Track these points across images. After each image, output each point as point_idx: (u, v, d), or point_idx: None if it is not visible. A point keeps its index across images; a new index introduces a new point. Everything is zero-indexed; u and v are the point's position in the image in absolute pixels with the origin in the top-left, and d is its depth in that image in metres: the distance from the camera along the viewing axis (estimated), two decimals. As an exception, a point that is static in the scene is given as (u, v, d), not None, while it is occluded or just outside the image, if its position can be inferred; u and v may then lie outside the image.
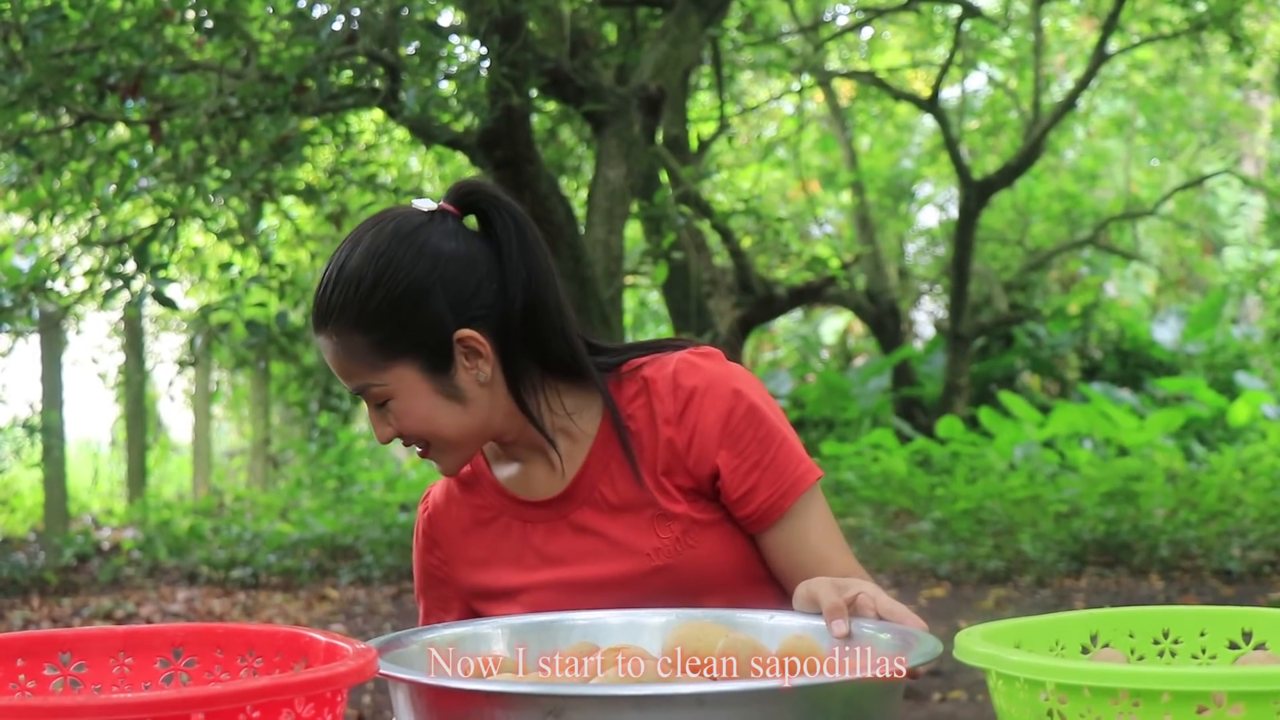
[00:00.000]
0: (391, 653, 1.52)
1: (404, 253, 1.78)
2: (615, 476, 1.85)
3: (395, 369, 1.78)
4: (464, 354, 1.79)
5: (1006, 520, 8.99)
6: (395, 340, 1.77)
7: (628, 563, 1.83)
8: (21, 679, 1.42)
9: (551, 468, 1.88)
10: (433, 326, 1.78)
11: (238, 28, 5.26)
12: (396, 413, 1.80)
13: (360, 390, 1.81)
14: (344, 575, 8.73)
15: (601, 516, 1.85)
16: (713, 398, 1.81)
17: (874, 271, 13.93)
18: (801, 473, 1.80)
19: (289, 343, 9.84)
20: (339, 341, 1.78)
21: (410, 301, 1.77)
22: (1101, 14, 11.37)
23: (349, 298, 1.77)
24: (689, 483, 1.83)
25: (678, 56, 6.54)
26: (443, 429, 1.81)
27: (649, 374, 1.85)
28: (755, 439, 1.80)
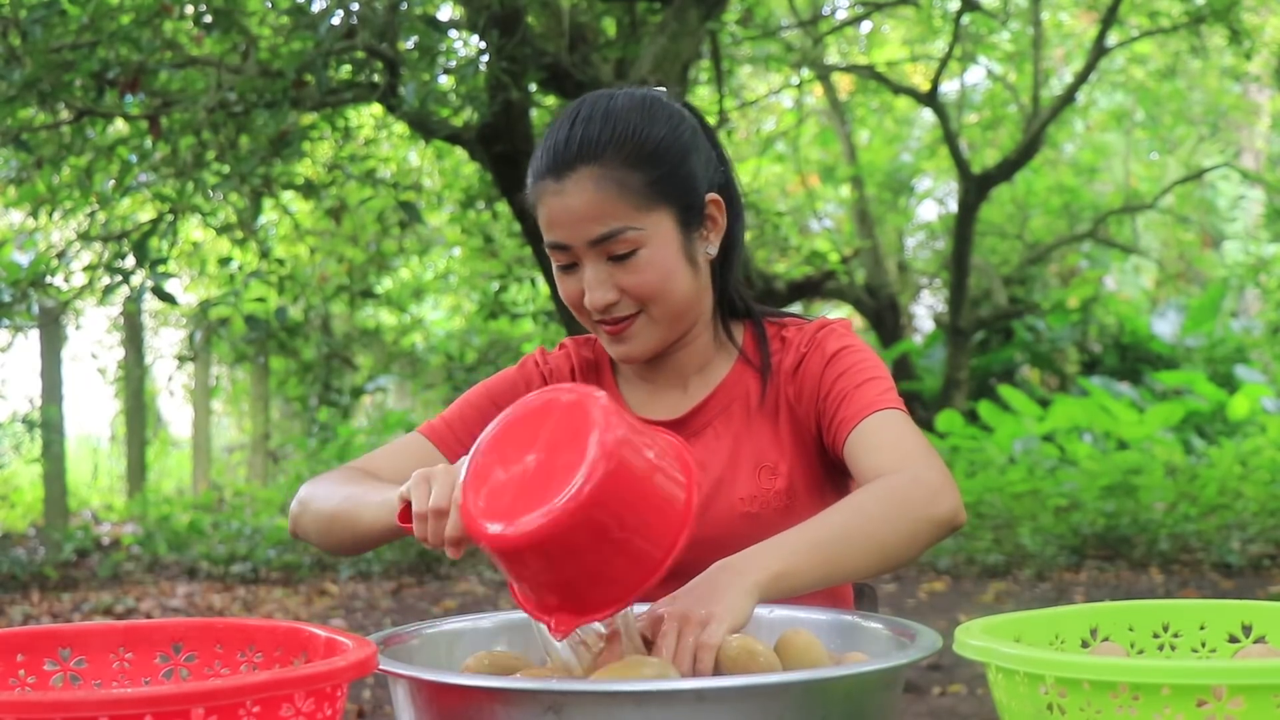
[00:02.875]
0: (391, 648, 1.52)
1: (670, 108, 1.81)
2: (733, 417, 1.88)
3: (657, 214, 1.77)
4: (708, 219, 1.82)
5: (1006, 514, 8.99)
6: (666, 183, 1.77)
7: (722, 501, 1.84)
8: (22, 674, 1.42)
9: (683, 392, 1.91)
10: (695, 180, 1.80)
11: (236, 23, 5.25)
12: (639, 264, 1.77)
13: (610, 235, 1.75)
14: (344, 570, 8.73)
15: (709, 452, 1.87)
16: (820, 350, 1.86)
17: (873, 266, 13.93)
18: (876, 397, 1.79)
19: (288, 337, 9.83)
20: (606, 176, 1.74)
21: (681, 150, 1.78)
22: (1100, 7, 11.36)
23: (626, 134, 1.75)
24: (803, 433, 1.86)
25: (677, 50, 6.54)
26: (676, 290, 1.80)
27: (789, 334, 1.91)
28: (845, 372, 1.82)
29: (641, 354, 1.84)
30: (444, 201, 9.63)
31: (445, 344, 14.23)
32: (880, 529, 1.59)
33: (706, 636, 1.41)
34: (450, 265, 13.20)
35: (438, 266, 13.45)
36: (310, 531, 1.84)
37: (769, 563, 1.51)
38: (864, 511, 1.60)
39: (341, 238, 10.27)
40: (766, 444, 1.86)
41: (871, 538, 1.58)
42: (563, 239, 1.77)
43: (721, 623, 1.42)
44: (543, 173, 1.77)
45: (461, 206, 8.32)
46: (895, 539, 1.60)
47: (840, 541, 1.56)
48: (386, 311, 13.68)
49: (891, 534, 1.60)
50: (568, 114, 1.79)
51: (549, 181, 1.76)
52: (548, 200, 1.76)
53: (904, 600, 7.44)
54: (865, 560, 1.57)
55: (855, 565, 1.57)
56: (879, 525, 1.59)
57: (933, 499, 1.63)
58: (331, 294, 9.69)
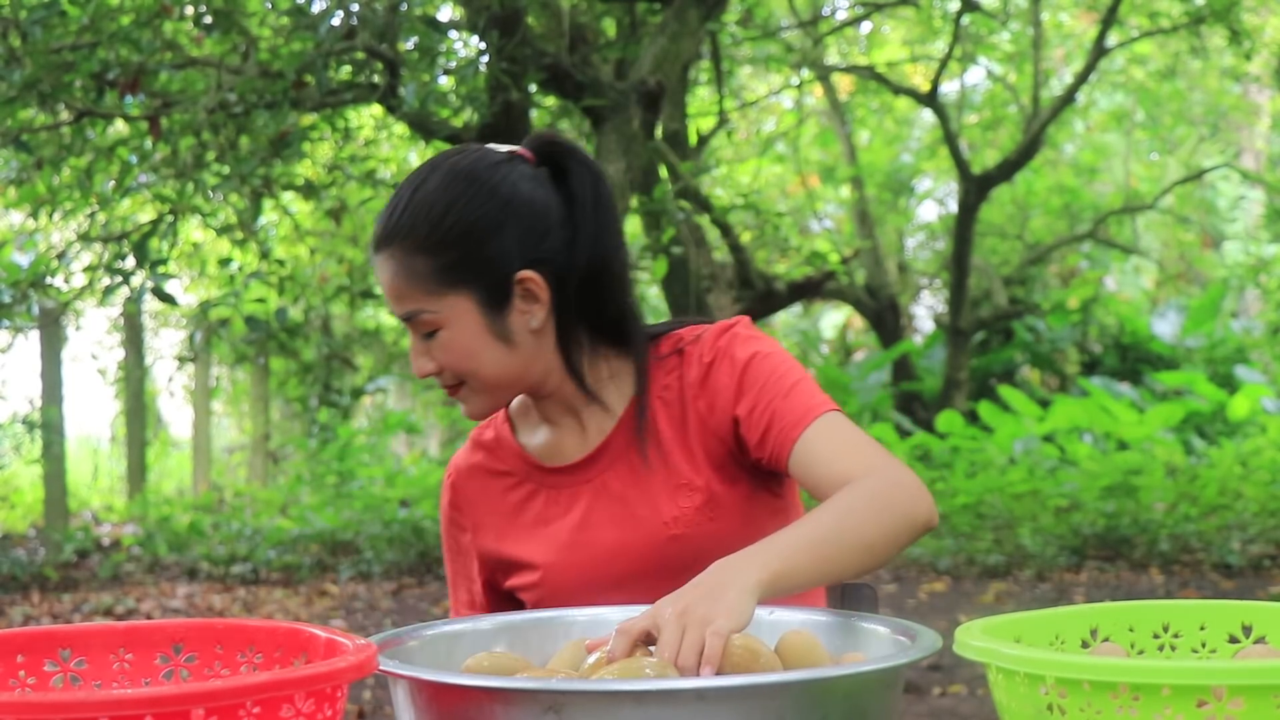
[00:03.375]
0: (391, 649, 1.52)
1: (481, 184, 1.79)
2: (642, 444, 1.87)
3: (452, 297, 1.78)
4: (521, 296, 1.80)
5: (1006, 514, 8.99)
6: (458, 268, 1.77)
7: (645, 531, 1.84)
8: (22, 675, 1.42)
9: (582, 431, 1.90)
10: (497, 261, 1.78)
11: (237, 23, 5.25)
12: (442, 344, 1.79)
13: (410, 316, 1.79)
14: (344, 571, 8.73)
15: (624, 483, 1.87)
16: (729, 358, 1.84)
17: (873, 266, 13.93)
18: (811, 405, 1.78)
19: (288, 338, 9.85)
20: (402, 262, 1.77)
21: (481, 231, 1.77)
22: (1100, 8, 11.36)
23: (419, 219, 1.77)
24: (718, 448, 1.84)
25: (677, 51, 6.53)
26: (484, 368, 1.81)
27: (688, 349, 1.88)
28: (766, 384, 1.81)
29: (480, 414, 1.87)
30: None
31: (445, 345, 14.22)
32: (868, 529, 1.63)
33: (715, 628, 1.42)
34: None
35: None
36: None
37: (768, 561, 1.53)
38: (854, 513, 1.63)
39: (342, 238, 10.27)
40: (680, 463, 1.85)
41: (861, 538, 1.62)
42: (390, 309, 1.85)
43: (727, 619, 1.43)
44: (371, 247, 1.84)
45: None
46: (881, 539, 1.64)
47: (833, 541, 1.60)
48: (386, 312, 13.68)
49: (878, 534, 1.64)
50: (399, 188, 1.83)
51: (372, 255, 1.83)
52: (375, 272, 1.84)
53: (904, 600, 7.44)
54: (855, 559, 1.61)
55: (846, 564, 1.61)
56: (867, 526, 1.63)
57: (914, 501, 1.68)
58: (332, 295, 9.69)
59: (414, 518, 9.34)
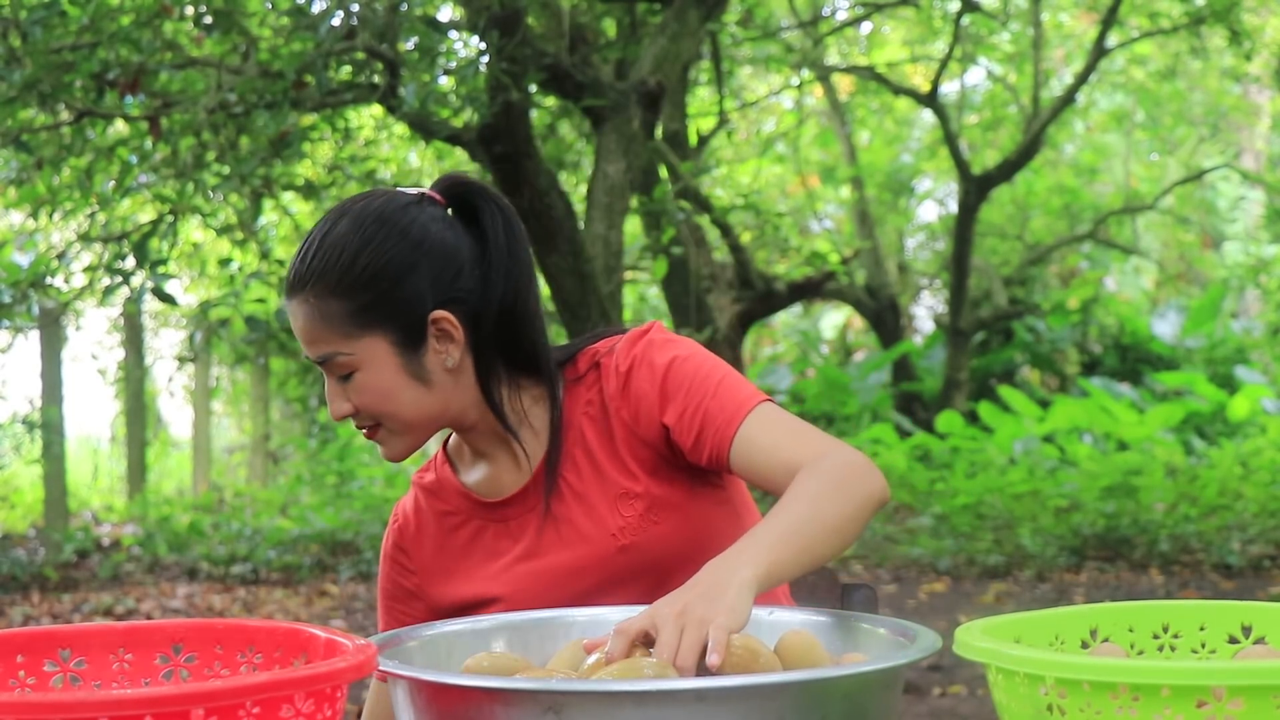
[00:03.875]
0: (391, 649, 1.52)
1: (391, 226, 1.80)
2: (576, 463, 1.87)
3: (366, 340, 1.78)
4: (436, 335, 1.81)
5: (1006, 515, 8.99)
6: (371, 310, 1.78)
7: (595, 546, 1.85)
8: (21, 675, 1.42)
9: (515, 461, 1.90)
10: (410, 302, 1.79)
11: (237, 23, 5.25)
12: (358, 386, 1.80)
13: (325, 359, 1.80)
14: (344, 571, 8.73)
15: (566, 504, 1.87)
16: (647, 365, 1.84)
17: (873, 266, 13.93)
18: (741, 400, 1.78)
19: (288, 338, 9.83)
20: (314, 306, 1.78)
21: (392, 274, 1.78)
22: (1101, 8, 11.36)
23: (331, 263, 1.78)
24: (649, 454, 1.84)
25: (677, 51, 6.53)
26: (401, 408, 1.81)
27: (604, 362, 1.88)
28: (691, 387, 1.81)
29: (396, 456, 1.87)
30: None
31: (445, 345, 14.22)
32: (836, 513, 1.64)
33: (717, 624, 1.42)
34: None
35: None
36: None
37: (758, 557, 1.54)
38: (820, 498, 1.64)
39: (342, 239, 10.26)
40: (616, 475, 1.85)
41: (830, 523, 1.63)
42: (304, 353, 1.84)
43: (727, 618, 1.43)
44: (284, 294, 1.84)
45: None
46: (849, 521, 1.65)
47: (809, 529, 1.61)
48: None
49: (844, 517, 1.65)
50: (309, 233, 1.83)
51: (285, 302, 1.83)
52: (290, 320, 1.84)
53: (904, 601, 7.44)
54: (830, 544, 1.63)
55: (823, 550, 1.62)
56: (834, 510, 1.64)
57: (869, 479, 1.69)
58: (332, 295, 9.67)
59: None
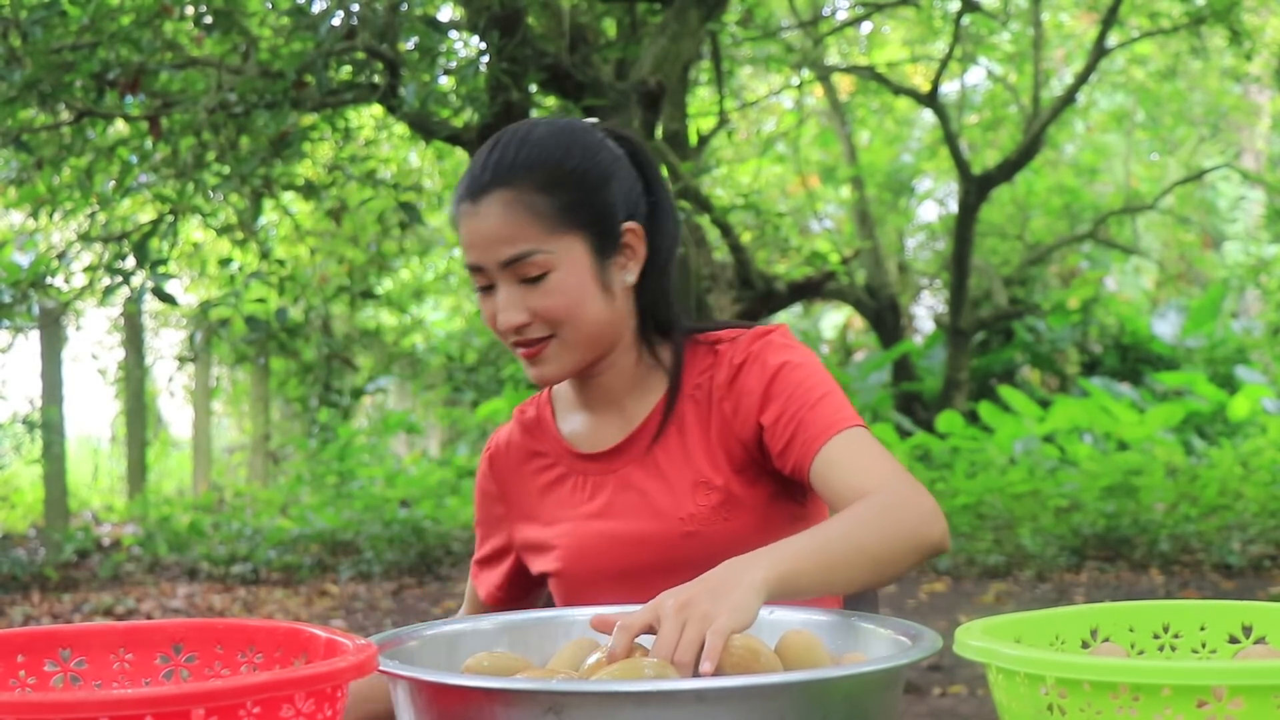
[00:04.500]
0: (391, 649, 1.52)
1: (589, 137, 1.84)
2: (669, 438, 1.88)
3: (568, 239, 1.79)
4: (625, 247, 1.84)
5: (1006, 515, 8.99)
6: (578, 209, 1.79)
7: (662, 524, 1.86)
8: (22, 675, 1.42)
9: (617, 419, 1.92)
10: (609, 208, 1.81)
11: (237, 23, 5.25)
12: (549, 288, 1.78)
13: (519, 258, 1.78)
14: (344, 571, 8.73)
15: (647, 475, 1.89)
16: (759, 364, 1.85)
17: (874, 266, 13.93)
18: (836, 418, 1.78)
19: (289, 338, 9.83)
20: (518, 201, 1.77)
21: (597, 177, 1.80)
22: (1101, 8, 11.36)
23: (539, 159, 1.78)
24: (740, 451, 1.85)
25: (677, 51, 6.53)
26: (586, 316, 1.81)
27: (722, 349, 1.89)
28: (793, 394, 1.81)
29: (555, 376, 1.86)
30: (444, 202, 9.63)
31: (445, 345, 14.25)
32: (878, 544, 1.63)
33: (717, 626, 1.41)
34: (451, 266, 13.21)
35: (438, 267, 13.46)
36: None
37: (775, 564, 1.52)
38: (865, 525, 1.63)
39: (342, 239, 10.28)
40: (701, 461, 1.86)
41: (869, 552, 1.61)
42: (477, 260, 1.81)
43: (729, 618, 1.43)
44: (461, 196, 1.82)
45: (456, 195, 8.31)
46: (890, 556, 1.63)
47: (843, 552, 1.59)
48: (387, 312, 13.69)
49: (887, 551, 1.63)
50: (489, 141, 1.84)
51: (465, 204, 1.80)
52: (464, 223, 1.81)
53: (904, 601, 7.44)
54: (862, 573, 1.61)
55: (852, 576, 1.60)
56: (877, 541, 1.63)
57: (927, 522, 1.68)
58: (332, 295, 9.69)
59: (414, 518, 9.34)
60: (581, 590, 1.90)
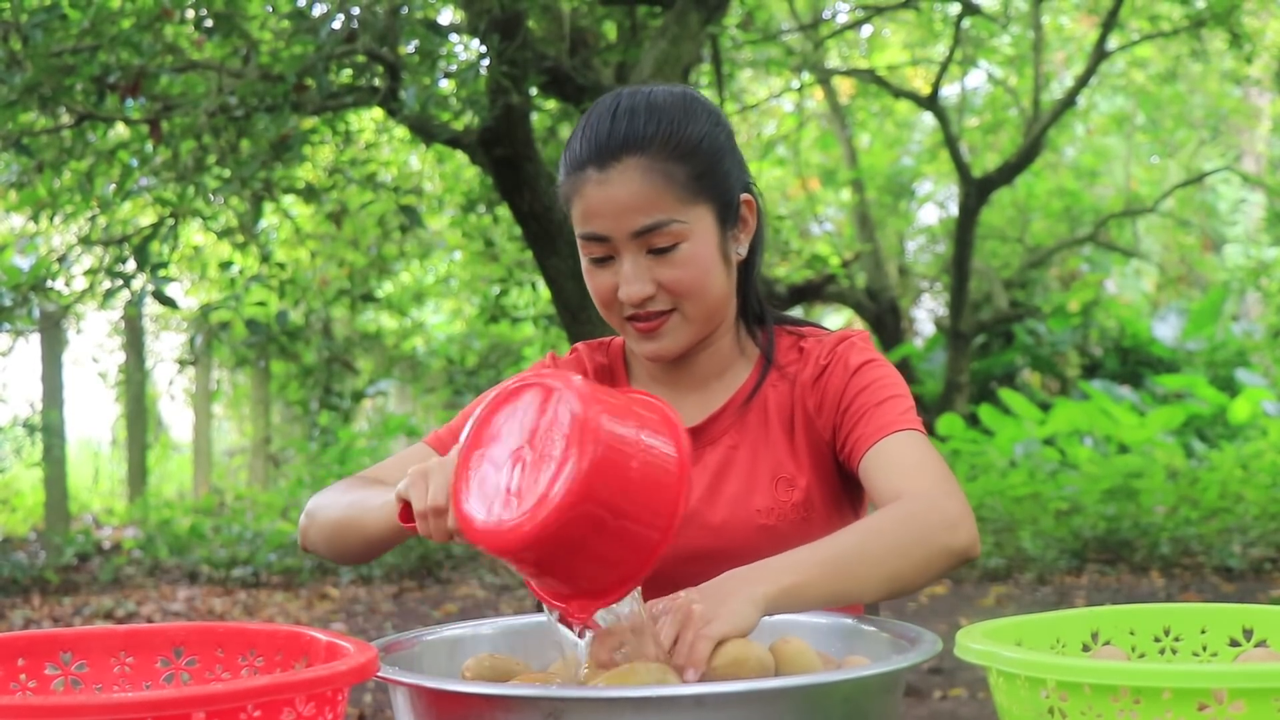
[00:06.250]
0: (392, 654, 1.52)
1: (709, 105, 1.81)
2: (750, 425, 1.86)
3: (699, 209, 1.76)
4: (741, 219, 1.83)
5: (1007, 518, 8.99)
6: (708, 178, 1.76)
7: (735, 512, 1.83)
8: (23, 678, 1.42)
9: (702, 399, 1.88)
10: (732, 179, 1.80)
11: (237, 26, 5.25)
12: (680, 258, 1.75)
13: (652, 228, 1.73)
14: (345, 574, 8.73)
15: (725, 462, 1.85)
16: (843, 364, 1.84)
17: (874, 269, 13.92)
18: (897, 418, 1.77)
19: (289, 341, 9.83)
20: (653, 168, 1.72)
21: (720, 148, 1.78)
22: (1101, 11, 11.36)
23: (672, 127, 1.74)
24: (822, 448, 1.84)
25: (677, 54, 6.53)
26: (711, 288, 1.78)
27: (807, 344, 1.89)
28: (868, 387, 1.81)
29: (672, 351, 1.81)
30: (445, 205, 9.64)
31: (446, 348, 14.23)
32: (894, 554, 1.58)
33: (708, 631, 1.40)
34: (451, 269, 13.20)
35: (438, 270, 13.45)
36: (319, 543, 1.82)
37: (779, 576, 1.50)
38: (881, 534, 1.59)
39: (342, 242, 10.27)
40: (784, 455, 1.84)
41: (884, 562, 1.57)
42: (603, 230, 1.74)
43: (724, 624, 1.42)
44: (583, 162, 1.74)
45: (462, 210, 8.33)
46: (908, 565, 1.58)
47: (853, 562, 1.55)
48: (387, 315, 13.69)
49: (904, 560, 1.58)
50: (606, 107, 1.76)
51: (591, 171, 1.73)
52: (588, 190, 1.73)
53: (904, 604, 7.44)
54: (875, 583, 1.56)
55: (865, 587, 1.56)
56: (893, 550, 1.58)
57: (951, 528, 1.62)
58: (332, 298, 9.70)
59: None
60: None
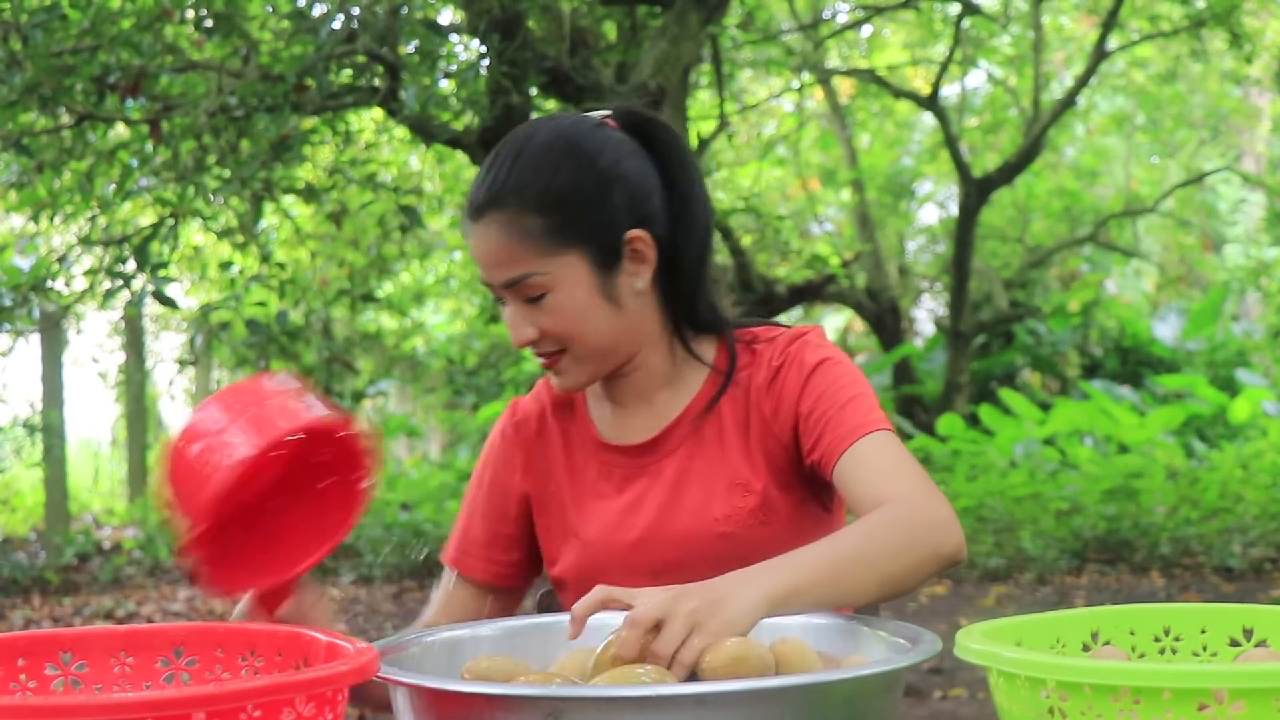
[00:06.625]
0: (392, 655, 1.52)
1: (586, 145, 1.77)
2: (705, 437, 1.85)
3: (565, 257, 1.75)
4: (630, 256, 1.79)
5: (1007, 518, 8.99)
6: (572, 226, 1.75)
7: (694, 522, 1.83)
8: (23, 678, 1.42)
9: (651, 412, 1.88)
10: (610, 219, 1.77)
11: (237, 27, 5.25)
12: (550, 307, 1.76)
13: (517, 280, 1.76)
14: (345, 574, 8.73)
15: (682, 472, 1.85)
16: (798, 364, 1.83)
17: (874, 269, 13.92)
18: (865, 420, 1.77)
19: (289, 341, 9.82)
20: (511, 224, 1.74)
21: (591, 190, 1.75)
22: (1101, 11, 11.36)
23: (530, 178, 1.74)
24: (779, 452, 1.83)
25: (677, 54, 6.53)
26: (591, 331, 1.78)
27: (759, 346, 1.87)
28: (828, 390, 1.80)
29: (575, 386, 1.84)
30: (445, 205, 9.64)
31: (446, 348, 14.24)
32: (887, 558, 1.60)
33: (707, 629, 1.41)
34: (451, 269, 13.21)
35: (439, 270, 13.45)
36: None
37: (782, 578, 1.51)
38: (876, 539, 1.60)
39: (342, 242, 10.27)
40: (739, 461, 1.84)
41: (878, 565, 1.58)
42: (484, 279, 1.81)
43: (721, 626, 1.42)
44: (464, 214, 1.80)
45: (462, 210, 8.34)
46: (901, 569, 1.60)
47: (851, 565, 1.57)
48: (387, 315, 13.69)
49: (897, 563, 1.60)
50: (489, 156, 1.81)
51: (468, 224, 1.79)
52: (469, 242, 1.80)
53: (904, 604, 7.44)
54: (870, 587, 1.58)
55: (861, 591, 1.57)
56: (886, 554, 1.60)
57: (942, 531, 1.64)
58: (332, 298, 9.69)
59: (415, 521, 9.33)
60: (601, 581, 1.89)
